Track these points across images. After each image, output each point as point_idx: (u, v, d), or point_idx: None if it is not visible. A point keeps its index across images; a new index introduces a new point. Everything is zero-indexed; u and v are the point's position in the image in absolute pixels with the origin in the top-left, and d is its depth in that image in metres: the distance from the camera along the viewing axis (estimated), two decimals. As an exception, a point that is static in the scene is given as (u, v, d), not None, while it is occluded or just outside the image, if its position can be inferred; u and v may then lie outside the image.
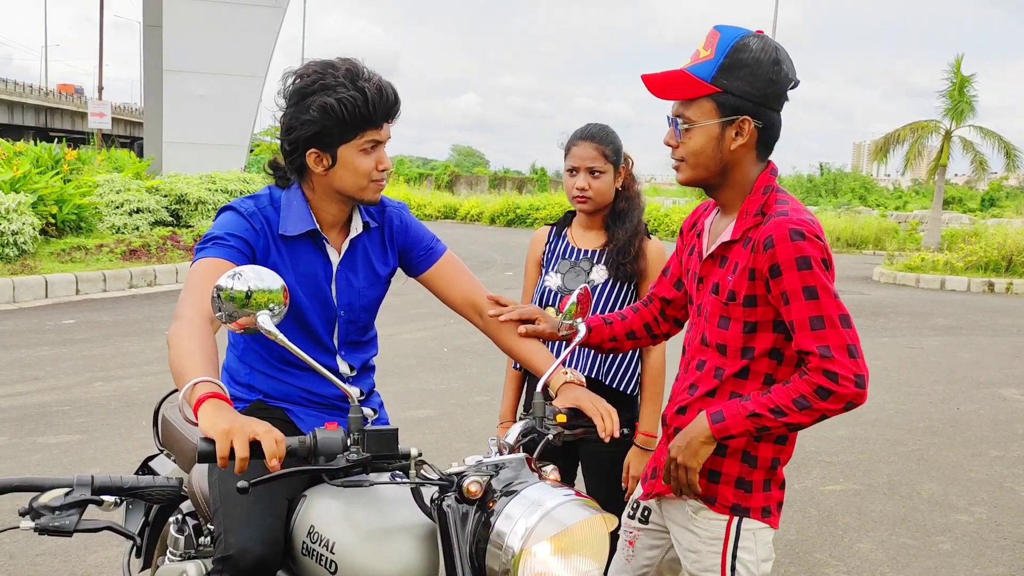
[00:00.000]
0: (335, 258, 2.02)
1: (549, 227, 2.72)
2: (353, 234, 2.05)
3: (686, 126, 1.79)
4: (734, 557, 1.87)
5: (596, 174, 2.51)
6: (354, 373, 2.10)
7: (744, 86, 1.74)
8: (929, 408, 6.64)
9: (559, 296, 2.56)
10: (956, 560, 3.88)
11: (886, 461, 5.30)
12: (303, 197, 1.99)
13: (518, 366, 2.73)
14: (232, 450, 1.37)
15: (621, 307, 2.49)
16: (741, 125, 1.77)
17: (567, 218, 2.70)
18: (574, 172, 2.53)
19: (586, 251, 2.60)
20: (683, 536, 1.95)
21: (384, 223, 2.12)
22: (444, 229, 24.23)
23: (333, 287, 2.02)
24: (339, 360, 2.07)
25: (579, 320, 2.00)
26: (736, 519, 1.88)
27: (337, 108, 1.82)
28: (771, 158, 1.88)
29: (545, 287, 2.60)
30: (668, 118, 1.86)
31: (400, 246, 2.14)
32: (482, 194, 37.47)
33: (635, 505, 2.15)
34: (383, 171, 1.94)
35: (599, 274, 2.54)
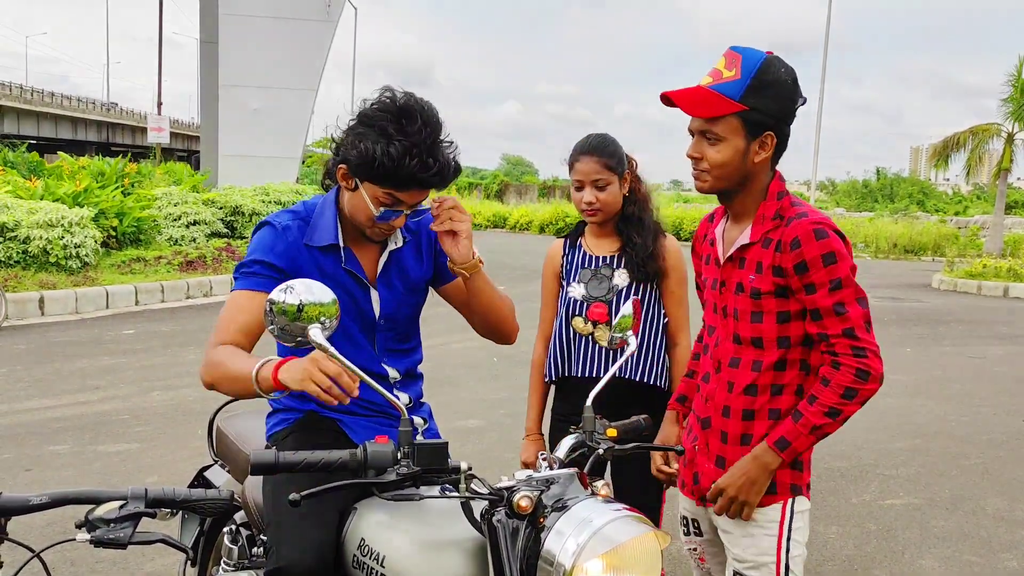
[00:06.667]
0: (369, 269, 2.03)
1: (563, 239, 2.75)
2: (392, 247, 2.06)
3: (713, 140, 1.91)
4: (789, 539, 1.96)
5: (601, 186, 2.54)
6: (401, 378, 2.11)
7: (771, 104, 1.88)
8: (993, 420, 6.43)
9: (585, 305, 2.58)
10: (1024, 579, 3.74)
11: (948, 475, 5.15)
12: (335, 208, 2.01)
13: (549, 378, 2.68)
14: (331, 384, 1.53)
15: (647, 307, 2.56)
16: (765, 140, 1.91)
17: (579, 228, 2.73)
18: (580, 187, 2.58)
19: (604, 257, 2.62)
20: (733, 525, 1.99)
21: (420, 231, 2.13)
22: (494, 238, 24.30)
23: (373, 297, 2.03)
24: (385, 366, 2.08)
25: (629, 332, 1.98)
26: (790, 499, 1.97)
27: (372, 156, 1.81)
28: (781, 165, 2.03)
29: (569, 298, 2.62)
30: (690, 131, 1.96)
31: (436, 254, 2.13)
32: (531, 203, 37.49)
33: (684, 520, 2.18)
34: (390, 228, 1.96)
35: (621, 278, 2.58)
